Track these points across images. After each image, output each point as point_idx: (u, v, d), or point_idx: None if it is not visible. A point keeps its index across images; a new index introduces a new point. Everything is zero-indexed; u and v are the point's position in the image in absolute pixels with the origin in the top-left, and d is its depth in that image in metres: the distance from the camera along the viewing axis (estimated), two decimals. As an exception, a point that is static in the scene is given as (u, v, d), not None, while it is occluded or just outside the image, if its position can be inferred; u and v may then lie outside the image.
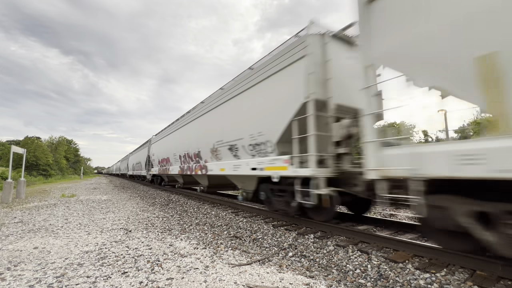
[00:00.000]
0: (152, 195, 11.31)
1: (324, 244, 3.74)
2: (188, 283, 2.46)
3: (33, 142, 41.55)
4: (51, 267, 2.88)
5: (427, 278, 2.55)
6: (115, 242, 3.89)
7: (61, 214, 6.38)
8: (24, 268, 2.88)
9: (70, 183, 24.70)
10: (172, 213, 6.58)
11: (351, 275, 2.74)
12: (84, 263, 2.99)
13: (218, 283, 2.46)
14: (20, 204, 8.57)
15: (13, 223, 5.35)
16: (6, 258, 3.18)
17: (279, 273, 2.72)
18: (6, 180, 9.97)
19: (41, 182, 27.54)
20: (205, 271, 2.73)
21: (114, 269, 2.82)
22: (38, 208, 7.57)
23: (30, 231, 4.59)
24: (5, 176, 18.69)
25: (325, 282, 2.52)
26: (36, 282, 2.51)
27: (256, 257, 3.28)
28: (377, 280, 2.60)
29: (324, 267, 2.99)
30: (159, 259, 3.13)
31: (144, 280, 2.52)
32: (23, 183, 11.09)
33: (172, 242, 3.89)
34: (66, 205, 8.19)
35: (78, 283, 2.47)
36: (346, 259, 3.17)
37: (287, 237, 4.11)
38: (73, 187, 17.34)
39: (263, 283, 2.47)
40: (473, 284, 2.40)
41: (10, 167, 11.08)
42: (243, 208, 6.79)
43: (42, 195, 11.77)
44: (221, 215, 6.09)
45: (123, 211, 6.87)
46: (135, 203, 8.77)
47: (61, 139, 56.28)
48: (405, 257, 3.09)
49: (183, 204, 8.31)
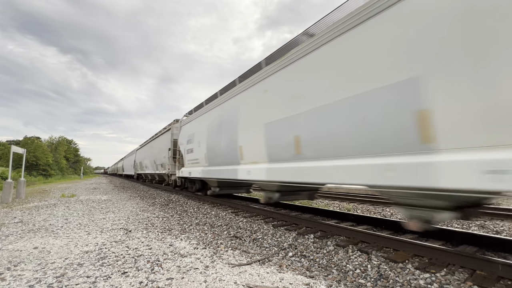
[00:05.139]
0: (152, 195, 11.31)
1: (324, 244, 3.74)
2: (188, 283, 2.46)
3: (33, 142, 41.56)
4: (51, 267, 2.88)
5: (427, 278, 2.55)
6: (115, 242, 3.89)
7: (61, 214, 6.38)
8: (24, 268, 2.88)
9: (70, 183, 24.71)
10: (172, 213, 6.58)
11: (351, 275, 2.74)
12: (84, 263, 2.99)
13: (218, 283, 2.46)
14: (20, 204, 8.57)
15: (13, 223, 5.35)
16: (6, 258, 3.18)
17: (279, 273, 2.72)
18: (6, 180, 9.97)
19: (41, 182, 27.55)
20: (205, 271, 2.73)
21: (114, 269, 2.81)
22: (38, 208, 7.56)
23: (30, 231, 4.59)
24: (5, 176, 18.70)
25: (325, 282, 2.52)
26: (36, 282, 2.50)
27: (256, 257, 3.28)
28: (377, 280, 2.60)
29: (324, 267, 2.99)
30: (159, 259, 3.13)
31: (144, 280, 2.52)
32: (23, 183, 11.08)
33: (172, 242, 3.89)
34: (66, 205, 8.19)
35: (78, 283, 2.47)
36: (346, 259, 3.17)
37: (287, 237, 4.11)
38: (73, 187, 17.34)
39: (263, 283, 2.47)
40: (473, 284, 2.40)
41: (10, 167, 11.08)
42: (243, 208, 6.79)
43: (42, 195, 11.77)
44: (221, 215, 6.09)
45: (123, 211, 6.87)
46: (135, 203, 8.77)
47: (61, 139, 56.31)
48: (405, 257, 3.09)
49: (183, 204, 8.31)
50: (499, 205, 7.39)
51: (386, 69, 2.82)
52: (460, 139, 2.27)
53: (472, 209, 3.39)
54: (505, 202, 8.05)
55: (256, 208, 6.39)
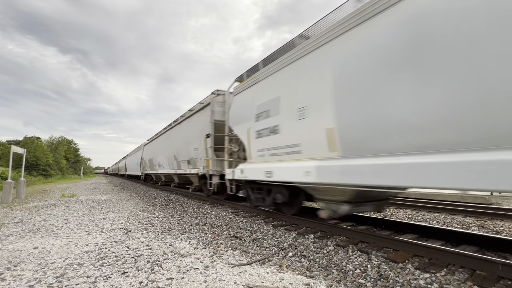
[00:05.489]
0: (152, 195, 11.32)
1: (324, 244, 3.74)
2: (188, 283, 2.46)
3: (33, 142, 41.57)
4: (51, 267, 2.88)
5: (427, 278, 2.55)
6: (115, 242, 3.89)
7: (61, 214, 6.38)
8: (24, 268, 2.88)
9: (70, 183, 24.71)
10: (172, 213, 6.58)
11: (351, 275, 2.74)
12: (84, 263, 2.99)
13: (218, 283, 2.46)
14: (20, 204, 8.57)
15: (13, 223, 5.35)
16: (6, 258, 3.18)
17: (279, 273, 2.72)
18: (6, 180, 9.97)
19: (41, 182, 27.55)
20: (205, 271, 2.73)
21: (114, 269, 2.81)
22: (38, 208, 7.56)
23: (30, 231, 4.59)
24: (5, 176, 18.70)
25: (325, 282, 2.52)
26: (36, 282, 2.50)
27: (256, 257, 3.28)
28: (377, 280, 2.60)
29: (324, 267, 2.99)
30: (159, 259, 3.13)
31: (144, 280, 2.52)
32: (23, 183, 11.08)
33: (172, 242, 3.89)
34: (66, 205, 8.19)
35: (78, 283, 2.47)
36: (346, 259, 3.17)
37: (287, 237, 4.11)
38: (73, 187, 17.34)
39: (263, 283, 2.47)
40: (473, 284, 2.40)
41: (10, 167, 11.08)
42: (243, 208, 6.79)
43: (42, 195, 11.77)
44: (221, 215, 6.09)
45: (123, 211, 6.87)
46: (135, 203, 8.77)
47: (61, 139, 56.30)
48: (405, 257, 3.09)
49: (183, 204, 8.32)
50: (499, 205, 7.39)
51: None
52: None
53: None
54: (505, 202, 8.05)
55: (256, 208, 6.38)
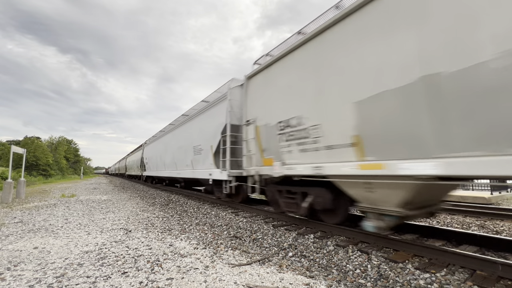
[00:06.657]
0: (152, 195, 11.31)
1: (324, 244, 3.74)
2: (188, 283, 2.46)
3: (33, 142, 41.53)
4: (51, 267, 2.88)
5: (427, 278, 2.55)
6: (115, 242, 3.89)
7: (61, 214, 6.38)
8: (24, 268, 2.88)
9: (70, 183, 24.70)
10: (172, 213, 6.58)
11: (351, 275, 2.74)
12: (84, 263, 2.99)
13: (218, 283, 2.46)
14: (20, 204, 8.57)
15: (13, 223, 5.35)
16: (6, 258, 3.18)
17: (279, 273, 2.72)
18: (6, 180, 9.97)
19: (41, 182, 27.54)
20: (205, 271, 2.73)
21: (114, 269, 2.81)
22: (38, 208, 7.56)
23: (30, 231, 4.59)
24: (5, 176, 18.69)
25: (325, 282, 2.52)
26: (36, 282, 2.50)
27: (256, 257, 3.28)
28: (377, 280, 2.60)
29: (324, 267, 2.99)
30: (159, 259, 3.13)
31: (144, 280, 2.52)
32: (23, 183, 11.08)
33: (172, 242, 3.89)
34: (66, 205, 8.19)
35: (78, 283, 2.47)
36: (346, 259, 3.17)
37: (287, 237, 4.11)
38: (73, 187, 17.33)
39: (263, 283, 2.47)
40: (473, 284, 2.40)
41: (10, 167, 11.08)
42: (243, 208, 6.79)
43: (42, 195, 11.77)
44: (221, 215, 6.08)
45: (123, 211, 6.87)
46: (135, 203, 8.77)
47: (61, 139, 56.25)
48: (405, 257, 3.09)
49: (183, 204, 8.31)
50: (499, 205, 7.39)
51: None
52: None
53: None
54: (505, 202, 8.05)
55: (256, 208, 6.38)
